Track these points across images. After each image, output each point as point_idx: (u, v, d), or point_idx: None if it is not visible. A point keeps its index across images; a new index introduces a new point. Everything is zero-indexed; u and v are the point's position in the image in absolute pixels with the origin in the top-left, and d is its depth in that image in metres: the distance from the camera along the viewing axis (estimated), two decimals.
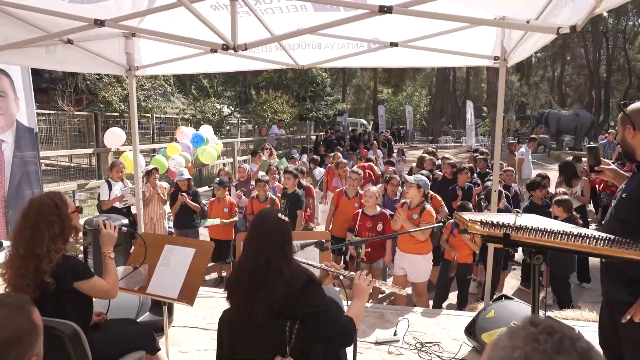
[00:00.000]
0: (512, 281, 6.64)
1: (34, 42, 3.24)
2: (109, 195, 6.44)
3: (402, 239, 5.02)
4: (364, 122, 34.34)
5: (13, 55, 3.49)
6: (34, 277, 2.33)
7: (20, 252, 2.36)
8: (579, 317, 4.44)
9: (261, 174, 7.25)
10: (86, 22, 2.88)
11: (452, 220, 5.21)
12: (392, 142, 19.36)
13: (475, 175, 7.60)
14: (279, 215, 2.18)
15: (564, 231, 2.16)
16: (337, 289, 3.29)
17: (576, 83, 46.91)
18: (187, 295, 3.05)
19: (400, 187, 6.48)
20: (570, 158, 10.40)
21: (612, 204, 2.53)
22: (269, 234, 2.12)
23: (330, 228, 6.05)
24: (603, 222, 2.59)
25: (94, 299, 2.65)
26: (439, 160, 8.67)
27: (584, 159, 9.16)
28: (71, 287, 2.43)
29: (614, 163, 2.99)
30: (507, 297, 3.96)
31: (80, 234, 2.64)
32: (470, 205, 5.42)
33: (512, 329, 0.98)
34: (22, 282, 2.33)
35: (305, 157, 11.81)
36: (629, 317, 2.25)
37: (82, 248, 2.67)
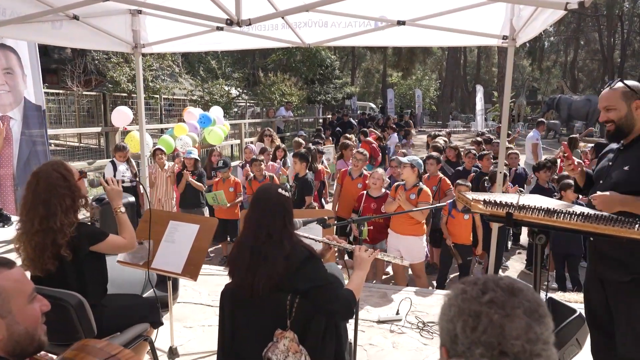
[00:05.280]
0: (516, 265, 6.65)
1: (39, 16, 3.24)
2: (114, 176, 6.52)
3: (396, 220, 5.02)
4: (373, 105, 34.12)
5: (20, 30, 3.51)
6: (52, 250, 2.39)
7: (36, 227, 2.39)
8: (582, 300, 4.42)
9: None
10: None
11: (449, 201, 5.20)
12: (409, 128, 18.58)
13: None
14: (280, 190, 2.20)
15: (566, 210, 2.14)
16: (340, 266, 3.32)
17: (589, 68, 46.19)
18: (191, 270, 3.08)
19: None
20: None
21: (601, 182, 2.51)
22: (269, 209, 2.14)
23: (336, 209, 6.07)
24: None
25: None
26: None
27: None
28: (88, 252, 2.51)
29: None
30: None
31: (90, 200, 2.68)
32: (469, 183, 5.41)
33: (447, 295, 1.04)
34: (42, 256, 2.39)
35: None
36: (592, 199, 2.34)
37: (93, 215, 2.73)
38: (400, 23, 3.86)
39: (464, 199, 2.46)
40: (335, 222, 3.21)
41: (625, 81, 2.38)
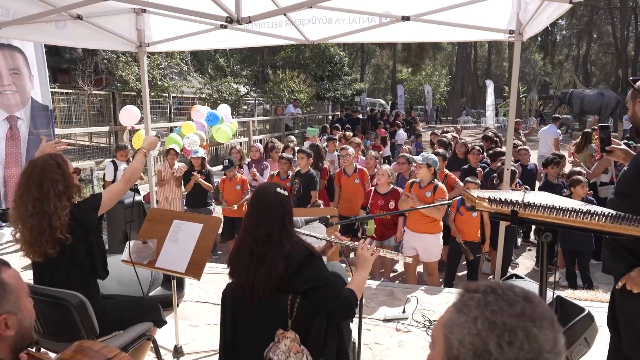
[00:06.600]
0: (526, 262, 6.57)
1: (42, 16, 3.24)
2: (114, 176, 6.56)
3: (412, 219, 4.94)
4: (382, 102, 33.99)
5: (24, 31, 3.53)
6: (50, 234, 2.42)
7: (30, 210, 2.41)
8: (592, 298, 4.37)
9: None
10: None
11: (457, 198, 5.14)
12: (415, 124, 18.28)
13: (485, 155, 7.44)
14: (278, 189, 2.17)
15: (572, 208, 2.09)
16: (344, 265, 3.29)
17: (602, 62, 45.51)
18: (195, 269, 3.07)
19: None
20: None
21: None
22: (268, 208, 2.12)
23: (337, 210, 6.02)
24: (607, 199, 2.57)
25: (98, 278, 2.76)
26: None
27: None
28: (98, 218, 2.63)
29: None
30: (517, 277, 3.89)
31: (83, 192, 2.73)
32: (478, 181, 5.35)
33: (458, 305, 0.98)
34: (40, 239, 2.41)
35: (325, 137, 11.48)
36: (621, 284, 2.27)
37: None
38: (405, 18, 3.82)
39: (469, 197, 2.42)
40: (338, 220, 3.18)
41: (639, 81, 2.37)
